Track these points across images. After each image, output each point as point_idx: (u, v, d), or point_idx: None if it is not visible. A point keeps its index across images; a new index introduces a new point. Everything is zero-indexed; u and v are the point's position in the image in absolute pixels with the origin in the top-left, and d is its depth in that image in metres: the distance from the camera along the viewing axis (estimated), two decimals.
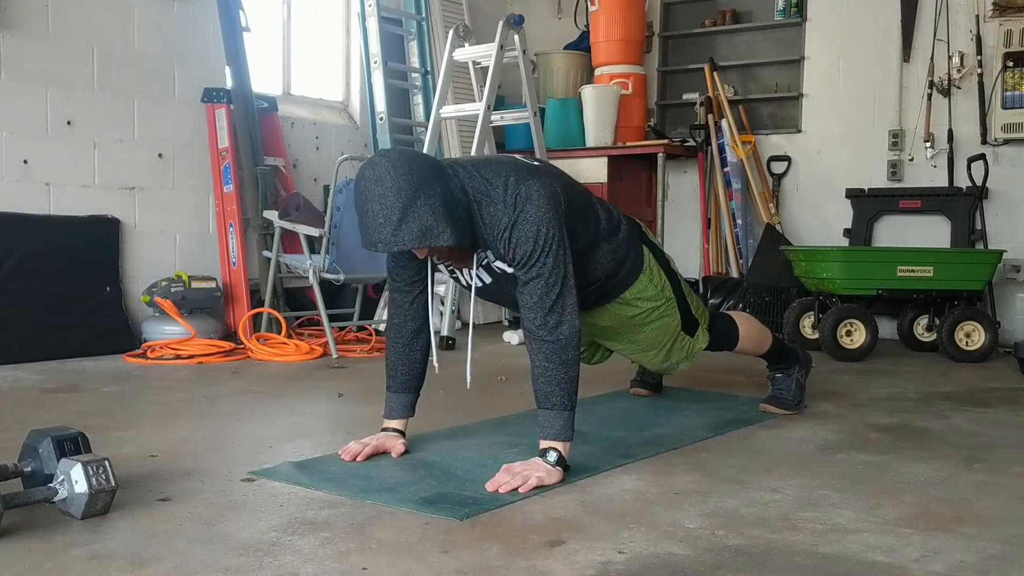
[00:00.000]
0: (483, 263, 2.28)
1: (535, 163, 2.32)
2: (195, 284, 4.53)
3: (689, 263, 5.98)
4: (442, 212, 2.03)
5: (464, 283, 2.40)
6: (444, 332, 4.61)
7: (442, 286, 4.61)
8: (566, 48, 6.36)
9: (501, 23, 4.89)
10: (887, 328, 5.07)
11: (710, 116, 5.72)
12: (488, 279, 2.32)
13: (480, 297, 2.38)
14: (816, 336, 4.60)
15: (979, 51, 5.11)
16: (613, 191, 5.74)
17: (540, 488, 2.07)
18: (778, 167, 5.78)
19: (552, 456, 2.15)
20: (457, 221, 2.07)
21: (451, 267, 2.35)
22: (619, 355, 2.92)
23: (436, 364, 2.43)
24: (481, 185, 2.16)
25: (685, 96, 6.10)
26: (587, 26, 6.18)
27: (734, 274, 5.58)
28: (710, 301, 5.28)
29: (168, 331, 4.35)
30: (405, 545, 1.71)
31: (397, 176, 2.02)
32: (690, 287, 2.77)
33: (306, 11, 5.68)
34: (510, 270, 2.24)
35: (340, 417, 2.98)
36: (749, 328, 2.94)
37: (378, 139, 5.64)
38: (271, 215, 4.70)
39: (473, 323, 2.35)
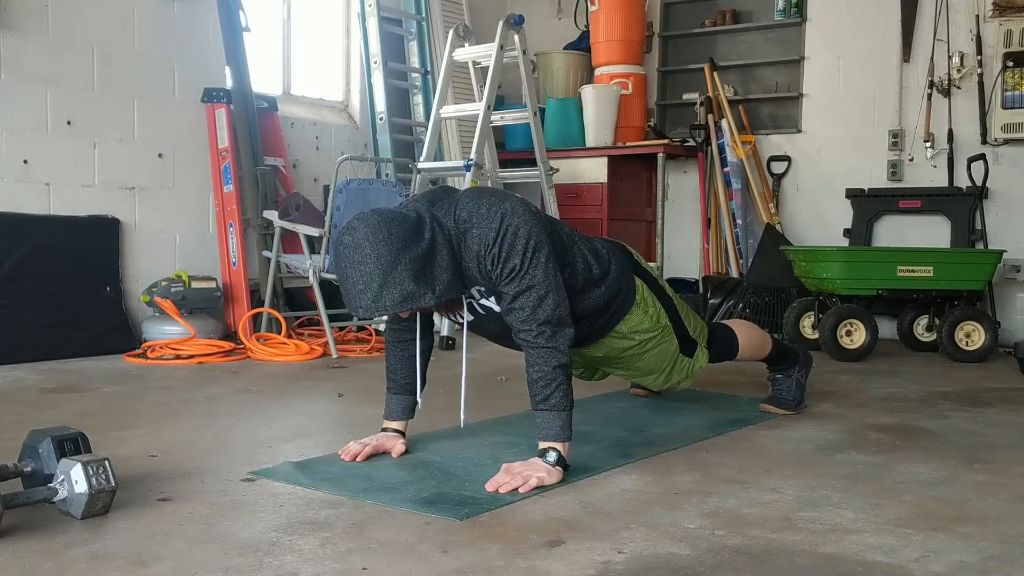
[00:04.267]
0: (466, 304, 2.28)
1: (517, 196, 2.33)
2: (195, 284, 4.53)
3: (689, 263, 5.99)
4: (423, 275, 2.03)
5: (452, 319, 2.41)
6: (444, 332, 4.61)
7: None
8: (566, 48, 6.36)
9: (501, 23, 4.89)
10: (887, 328, 5.07)
11: (710, 116, 5.72)
12: (471, 318, 2.33)
13: (469, 331, 2.38)
14: (816, 336, 4.60)
15: (979, 51, 5.11)
16: (613, 191, 5.75)
17: (540, 488, 2.07)
18: (778, 167, 5.78)
19: (552, 456, 2.15)
20: (438, 280, 2.06)
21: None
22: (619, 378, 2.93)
23: (420, 401, 2.44)
24: (464, 213, 2.14)
25: (685, 96, 6.10)
26: (587, 26, 6.18)
27: (734, 274, 5.58)
28: (710, 301, 5.28)
29: (168, 331, 4.35)
30: (405, 545, 1.71)
31: (376, 243, 2.00)
32: (687, 306, 2.74)
33: (306, 11, 5.68)
34: (496, 309, 2.24)
35: (340, 417, 2.98)
36: (749, 336, 2.94)
37: (378, 139, 5.64)
38: (271, 215, 4.70)
39: (465, 372, 2.34)
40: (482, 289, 2.22)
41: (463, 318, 2.33)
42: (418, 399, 2.43)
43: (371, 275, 2.00)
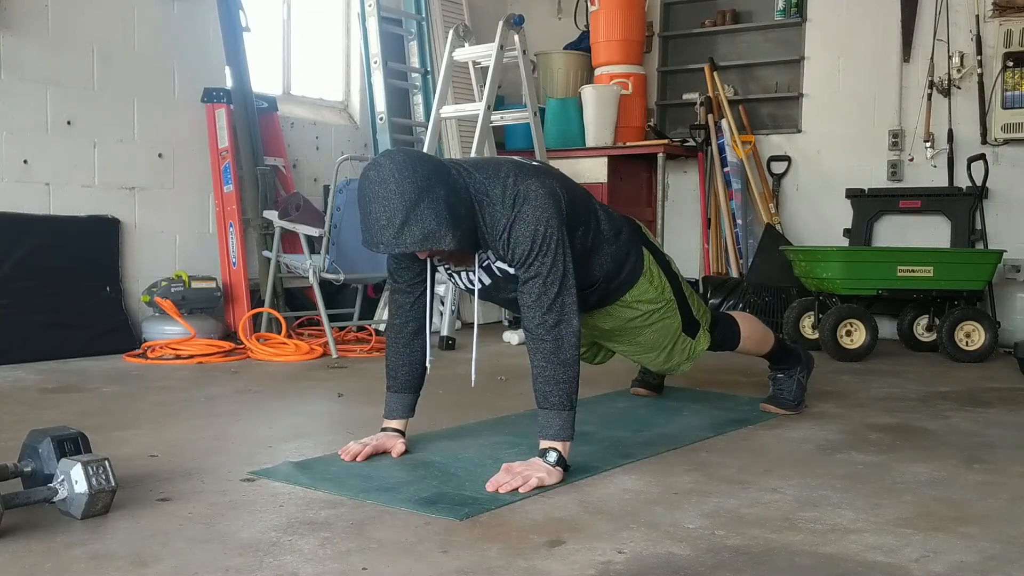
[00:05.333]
0: (483, 264, 2.28)
1: (534, 164, 2.32)
2: (195, 284, 4.53)
3: (689, 263, 5.98)
4: (445, 216, 2.04)
5: (463, 286, 2.40)
6: (444, 332, 4.61)
7: (442, 286, 4.61)
8: (566, 48, 6.36)
9: (501, 23, 4.89)
10: (887, 328, 5.07)
11: (710, 116, 5.72)
12: (488, 280, 2.32)
13: (480, 299, 2.38)
14: (816, 336, 4.60)
15: (979, 51, 5.11)
16: (613, 191, 5.74)
17: (540, 488, 2.07)
18: (778, 167, 5.78)
19: (552, 456, 2.15)
20: (460, 224, 2.07)
21: (450, 270, 2.35)
22: (621, 355, 2.92)
23: (429, 364, 2.43)
24: (480, 186, 2.16)
25: (685, 96, 6.10)
26: (587, 26, 6.18)
27: (734, 274, 5.58)
28: (710, 301, 5.28)
29: (168, 331, 4.35)
30: (405, 545, 1.71)
31: (401, 179, 2.02)
32: (691, 288, 2.77)
33: (306, 11, 5.68)
34: (511, 270, 2.24)
35: (340, 417, 2.98)
36: (751, 328, 2.94)
37: (378, 139, 5.64)
38: (271, 215, 4.70)
39: (477, 322, 2.36)
40: (500, 252, 2.24)
41: (472, 283, 2.33)
42: (427, 363, 2.42)
43: (394, 210, 2.01)
